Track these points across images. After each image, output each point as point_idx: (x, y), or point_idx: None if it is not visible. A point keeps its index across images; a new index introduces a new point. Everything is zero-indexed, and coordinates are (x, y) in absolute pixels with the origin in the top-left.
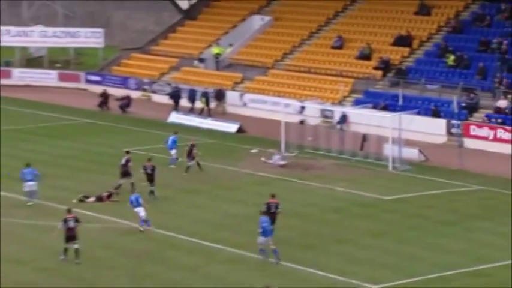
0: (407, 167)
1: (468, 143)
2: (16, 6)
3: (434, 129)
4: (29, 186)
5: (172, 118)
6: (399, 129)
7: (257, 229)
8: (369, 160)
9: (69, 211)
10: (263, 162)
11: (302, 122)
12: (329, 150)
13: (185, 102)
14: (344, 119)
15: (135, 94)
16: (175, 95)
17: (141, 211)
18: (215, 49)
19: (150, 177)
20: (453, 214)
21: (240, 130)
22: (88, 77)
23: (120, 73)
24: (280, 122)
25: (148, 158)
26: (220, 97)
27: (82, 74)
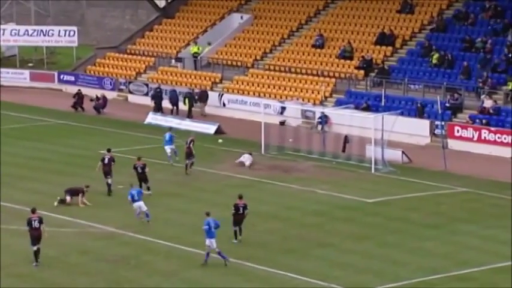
0: (390, 169)
1: (452, 144)
2: None
3: (417, 130)
4: None
5: (149, 119)
6: (382, 130)
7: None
8: (351, 162)
9: (33, 211)
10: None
11: (283, 123)
12: (310, 151)
13: (166, 103)
14: (325, 120)
15: (111, 94)
16: (156, 96)
17: (142, 205)
18: (193, 48)
19: (142, 175)
20: (437, 217)
21: (219, 131)
22: (62, 77)
23: (95, 73)
24: (260, 123)
25: (138, 157)
26: (203, 98)
27: (55, 74)
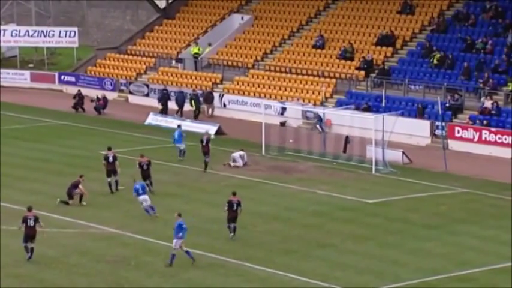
0: (390, 170)
1: (452, 145)
2: None
3: (418, 130)
4: None
5: (150, 120)
6: (382, 130)
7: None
8: (352, 162)
9: (29, 209)
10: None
11: (283, 124)
12: (311, 152)
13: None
14: (321, 119)
15: (111, 95)
16: (163, 98)
17: (147, 199)
18: (194, 49)
19: (146, 172)
20: (437, 217)
21: (219, 132)
22: (62, 78)
23: (95, 73)
24: (260, 124)
25: (140, 154)
26: (209, 100)
27: (56, 75)
